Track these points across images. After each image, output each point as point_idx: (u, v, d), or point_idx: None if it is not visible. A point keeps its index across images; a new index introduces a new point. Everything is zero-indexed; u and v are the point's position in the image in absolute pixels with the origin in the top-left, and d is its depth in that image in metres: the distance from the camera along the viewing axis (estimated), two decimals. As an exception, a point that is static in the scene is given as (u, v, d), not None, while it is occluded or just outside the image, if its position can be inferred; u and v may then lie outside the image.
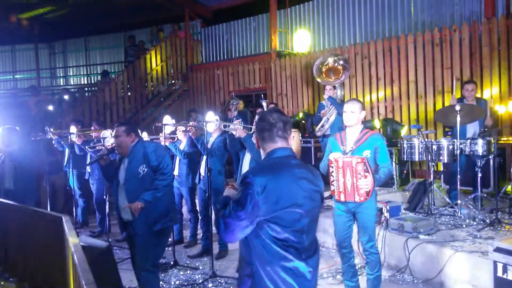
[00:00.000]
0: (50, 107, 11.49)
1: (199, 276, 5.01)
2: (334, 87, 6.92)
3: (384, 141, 3.84)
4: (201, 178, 5.65)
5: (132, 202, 3.74)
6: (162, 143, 5.87)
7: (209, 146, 5.48)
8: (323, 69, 7.09)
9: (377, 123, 8.07)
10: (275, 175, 2.14)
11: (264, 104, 8.42)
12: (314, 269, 2.23)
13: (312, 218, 2.24)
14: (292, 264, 2.15)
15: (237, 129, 5.04)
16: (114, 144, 4.04)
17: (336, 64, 7.05)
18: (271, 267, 2.13)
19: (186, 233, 6.45)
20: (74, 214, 6.96)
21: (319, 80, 7.21)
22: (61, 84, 17.11)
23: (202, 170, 5.58)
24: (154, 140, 5.95)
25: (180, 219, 6.34)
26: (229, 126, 5.34)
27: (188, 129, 5.69)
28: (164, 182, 3.86)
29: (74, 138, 6.66)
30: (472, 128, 6.05)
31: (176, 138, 6.05)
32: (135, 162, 3.82)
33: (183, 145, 5.96)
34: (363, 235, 3.79)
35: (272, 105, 8.78)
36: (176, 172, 5.94)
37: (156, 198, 3.78)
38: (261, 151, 2.34)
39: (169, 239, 5.58)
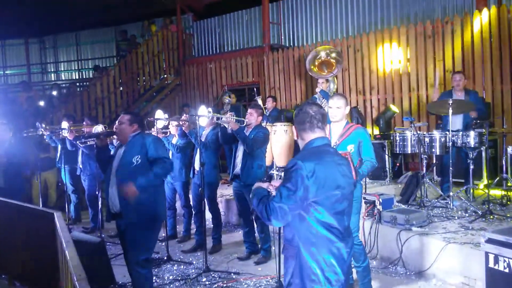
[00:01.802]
0: (41, 103, 11.38)
1: (193, 271, 5.00)
2: (327, 80, 6.92)
3: (367, 135, 3.87)
4: (196, 172, 5.63)
5: (123, 192, 3.67)
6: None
7: (202, 140, 5.46)
8: (316, 63, 7.08)
9: (394, 108, 8.13)
10: (320, 161, 2.32)
11: (259, 100, 8.43)
12: (350, 250, 2.43)
13: (349, 201, 2.46)
14: (335, 245, 2.34)
15: (230, 122, 5.02)
16: (115, 129, 4.02)
17: (329, 58, 7.04)
18: (316, 248, 2.32)
19: (180, 228, 6.43)
20: (67, 210, 6.91)
21: (311, 73, 7.20)
22: (52, 79, 16.95)
23: (197, 164, 5.56)
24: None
25: (174, 214, 6.32)
26: (221, 119, 5.31)
27: (181, 123, 5.66)
28: (161, 172, 3.78)
29: (65, 133, 6.60)
30: (458, 120, 6.07)
31: (168, 133, 6.03)
32: (130, 152, 3.81)
33: (175, 140, 5.93)
34: None
35: (269, 98, 8.77)
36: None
37: (149, 184, 3.72)
38: (300, 141, 2.51)
39: (163, 234, 5.59)
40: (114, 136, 4.74)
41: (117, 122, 4.01)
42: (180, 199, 6.19)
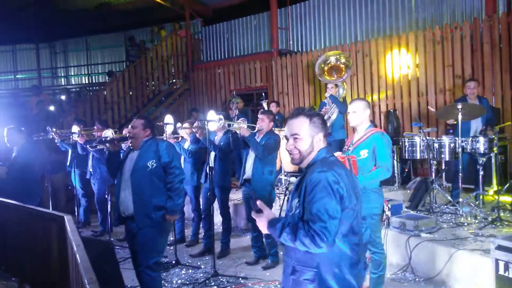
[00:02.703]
0: (52, 107, 11.49)
1: (201, 275, 5.02)
2: (336, 86, 6.93)
3: (384, 140, 3.69)
4: (207, 177, 5.68)
5: (137, 196, 3.78)
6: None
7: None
8: (325, 68, 7.09)
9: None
10: (340, 170, 2.16)
11: (264, 104, 8.46)
12: (365, 269, 2.33)
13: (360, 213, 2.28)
14: (357, 262, 2.17)
15: (241, 128, 5.03)
16: (128, 133, 4.07)
17: (338, 63, 7.05)
18: (339, 269, 2.12)
19: (188, 232, 6.45)
20: (76, 213, 6.96)
21: (321, 78, 7.22)
22: (62, 83, 17.11)
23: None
24: None
25: (182, 218, 6.34)
26: (233, 125, 5.34)
27: (194, 130, 5.71)
28: (181, 186, 3.95)
29: (76, 137, 6.67)
30: (475, 125, 6.04)
31: (180, 138, 6.07)
32: (145, 156, 3.87)
33: (187, 144, 5.97)
34: (365, 235, 3.78)
35: (273, 104, 8.79)
36: None
37: (179, 204, 3.94)
38: (306, 151, 2.25)
39: (171, 238, 5.61)
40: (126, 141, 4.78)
41: (130, 126, 4.07)
42: (191, 203, 6.22)
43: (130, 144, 4.08)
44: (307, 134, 2.23)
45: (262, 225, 2.21)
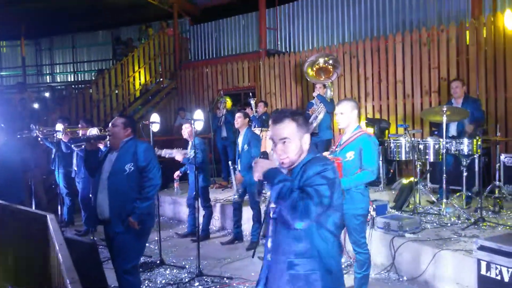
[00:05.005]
0: (36, 105, 11.34)
1: (186, 275, 4.99)
2: (324, 86, 6.96)
3: (371, 142, 3.66)
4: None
5: (113, 200, 3.64)
6: (177, 158, 6.15)
7: (240, 141, 5.94)
8: (314, 69, 7.12)
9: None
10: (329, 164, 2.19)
11: (252, 102, 8.46)
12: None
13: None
14: (340, 259, 2.27)
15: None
16: (108, 132, 3.92)
17: (326, 64, 7.08)
18: (334, 257, 2.19)
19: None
20: (60, 212, 6.87)
21: (309, 78, 7.24)
22: (48, 81, 16.91)
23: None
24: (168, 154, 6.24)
25: (193, 211, 6.39)
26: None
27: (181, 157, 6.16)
28: (153, 191, 3.77)
29: (60, 135, 6.58)
30: (454, 126, 6.11)
31: (188, 154, 6.13)
32: (123, 158, 3.72)
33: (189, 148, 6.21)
34: (350, 235, 3.80)
35: (261, 103, 8.80)
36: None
37: (143, 208, 3.69)
38: (294, 153, 2.21)
39: (155, 238, 5.57)
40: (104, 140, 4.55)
41: (110, 124, 3.89)
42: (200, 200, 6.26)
43: (109, 144, 3.92)
44: (296, 137, 2.20)
45: (262, 166, 2.13)
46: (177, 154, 6.16)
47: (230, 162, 6.67)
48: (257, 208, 5.85)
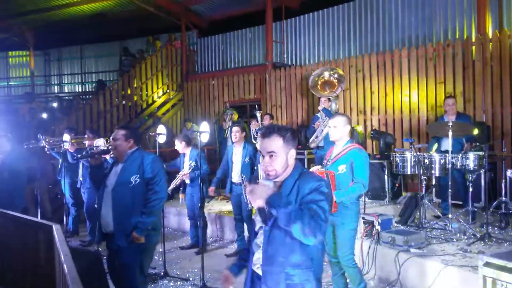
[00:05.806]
0: (44, 115, 11.43)
1: (190, 287, 4.98)
2: (329, 99, 6.98)
3: (362, 156, 3.77)
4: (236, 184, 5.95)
5: (117, 213, 3.56)
6: (187, 181, 6.29)
7: (237, 157, 5.92)
8: (319, 82, 7.15)
9: (360, 129, 8.23)
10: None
11: (258, 115, 8.47)
12: None
13: None
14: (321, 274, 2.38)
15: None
16: (110, 146, 3.86)
17: (331, 78, 7.11)
18: (320, 264, 2.34)
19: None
20: (65, 222, 6.89)
21: (314, 92, 7.27)
22: (56, 91, 17.07)
23: (234, 178, 5.90)
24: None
25: (195, 223, 6.48)
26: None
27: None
28: (159, 205, 3.69)
29: (67, 146, 6.63)
30: (446, 141, 6.06)
31: (193, 166, 6.18)
32: (129, 170, 3.64)
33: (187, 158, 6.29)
34: (339, 249, 3.83)
35: (266, 116, 8.82)
36: (188, 181, 6.41)
37: (148, 223, 3.62)
38: (282, 166, 2.29)
39: (160, 249, 5.57)
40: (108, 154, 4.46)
41: (111, 138, 3.80)
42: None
43: (113, 157, 3.84)
44: (282, 152, 2.29)
45: (260, 194, 2.12)
46: (185, 178, 6.33)
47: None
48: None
